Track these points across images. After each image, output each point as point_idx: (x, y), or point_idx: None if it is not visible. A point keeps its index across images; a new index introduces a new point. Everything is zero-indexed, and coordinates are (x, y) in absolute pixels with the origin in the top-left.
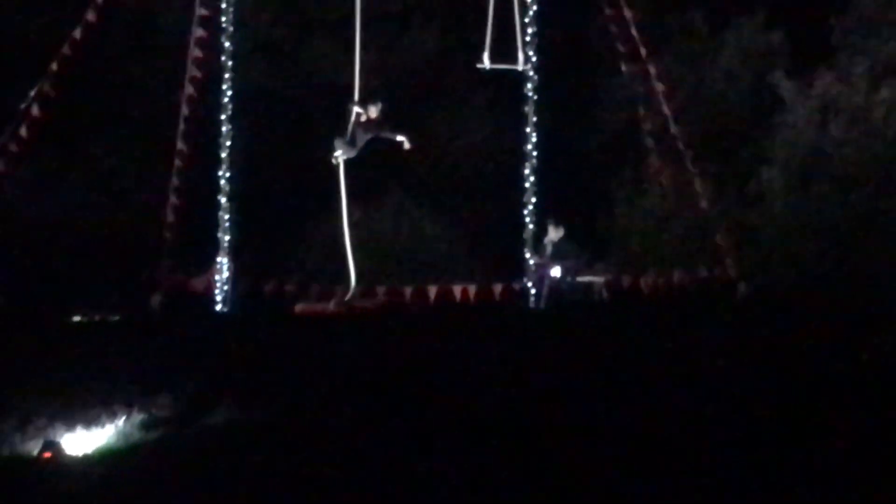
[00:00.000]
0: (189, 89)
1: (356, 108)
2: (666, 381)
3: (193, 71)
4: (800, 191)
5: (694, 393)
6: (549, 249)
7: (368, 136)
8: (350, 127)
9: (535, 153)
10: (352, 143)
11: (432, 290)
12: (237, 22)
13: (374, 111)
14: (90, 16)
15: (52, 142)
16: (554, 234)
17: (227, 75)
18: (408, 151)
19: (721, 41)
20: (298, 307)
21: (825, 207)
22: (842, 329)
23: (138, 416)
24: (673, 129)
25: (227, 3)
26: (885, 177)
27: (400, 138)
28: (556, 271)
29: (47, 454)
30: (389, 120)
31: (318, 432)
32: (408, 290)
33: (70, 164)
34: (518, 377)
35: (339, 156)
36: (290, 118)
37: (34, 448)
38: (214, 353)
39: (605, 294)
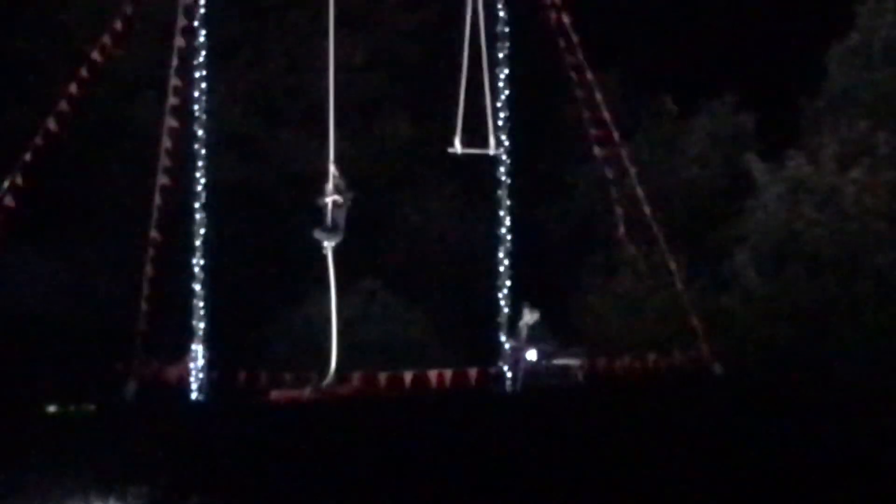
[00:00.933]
0: (162, 179)
1: (332, 196)
2: (643, 464)
3: (166, 161)
4: (772, 272)
5: (670, 475)
6: (524, 333)
7: (343, 214)
8: (329, 214)
9: (508, 237)
10: (334, 228)
11: (407, 376)
12: (208, 112)
13: (348, 194)
14: (63, 105)
15: (25, 232)
16: (529, 317)
17: (199, 163)
18: (380, 238)
19: (692, 124)
20: (274, 394)
21: (798, 289)
22: (815, 412)
23: None
24: (645, 212)
25: (200, 92)
26: (857, 257)
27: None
28: (531, 355)
29: None
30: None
31: None
32: (382, 377)
33: (43, 255)
34: (495, 462)
35: (328, 245)
36: (261, 207)
37: None
38: (189, 442)
39: (581, 377)
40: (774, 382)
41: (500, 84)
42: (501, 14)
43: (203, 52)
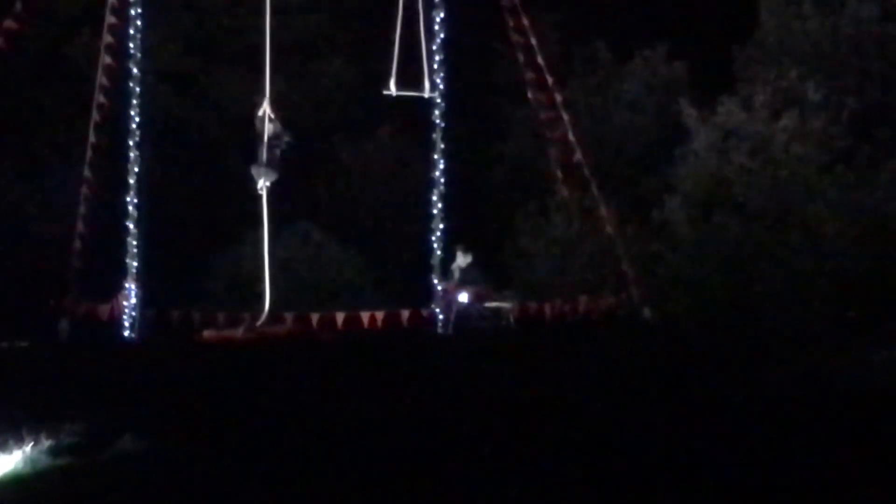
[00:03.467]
0: (96, 117)
1: (267, 121)
2: (571, 408)
3: (100, 98)
4: (703, 219)
5: (599, 418)
6: (456, 275)
7: (279, 149)
8: (263, 149)
9: (442, 180)
10: (269, 165)
11: (340, 317)
12: (145, 51)
13: (277, 125)
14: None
15: None
16: (462, 260)
17: (133, 102)
18: (315, 179)
19: (625, 71)
20: (206, 333)
21: (727, 235)
22: (740, 353)
23: (46, 443)
24: (578, 157)
25: (135, 30)
26: (786, 205)
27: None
28: (463, 297)
29: None
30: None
31: (226, 459)
32: (315, 317)
33: None
34: (426, 404)
35: (263, 182)
36: (197, 147)
37: None
38: (123, 380)
39: (512, 320)
40: (702, 326)
41: (436, 27)
42: None
43: None
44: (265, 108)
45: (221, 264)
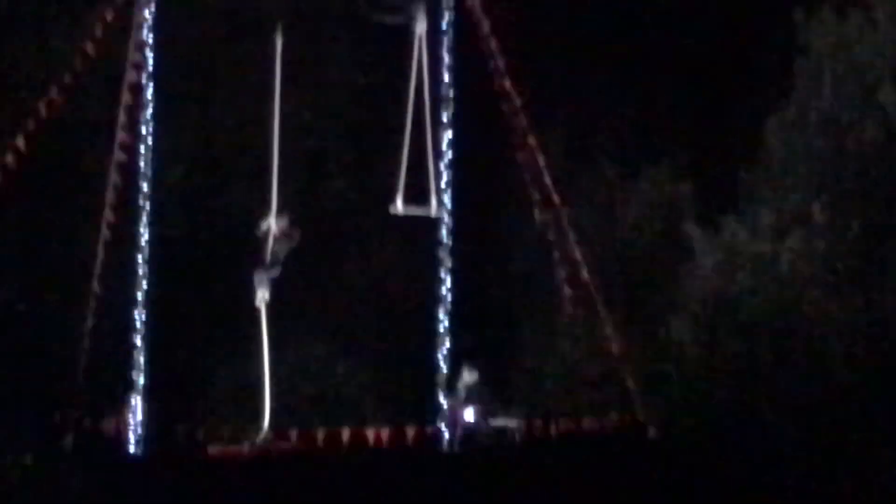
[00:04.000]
0: (106, 233)
1: (271, 223)
2: None
3: (109, 215)
4: (708, 338)
5: None
6: (462, 392)
7: (285, 250)
8: (269, 249)
9: (448, 296)
10: (273, 262)
11: (345, 433)
12: (154, 170)
13: (284, 223)
14: (9, 158)
15: None
16: (468, 377)
17: (143, 219)
18: (320, 294)
19: (631, 190)
20: (212, 450)
21: (733, 354)
22: (745, 473)
23: None
24: (584, 275)
25: (146, 148)
26: (791, 326)
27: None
28: (469, 414)
29: None
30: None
31: None
32: (320, 434)
33: None
34: None
35: (263, 293)
36: (203, 262)
37: None
38: (128, 497)
39: (518, 438)
40: (708, 444)
41: (443, 146)
42: (446, 78)
43: (150, 109)
44: (271, 218)
45: (226, 379)
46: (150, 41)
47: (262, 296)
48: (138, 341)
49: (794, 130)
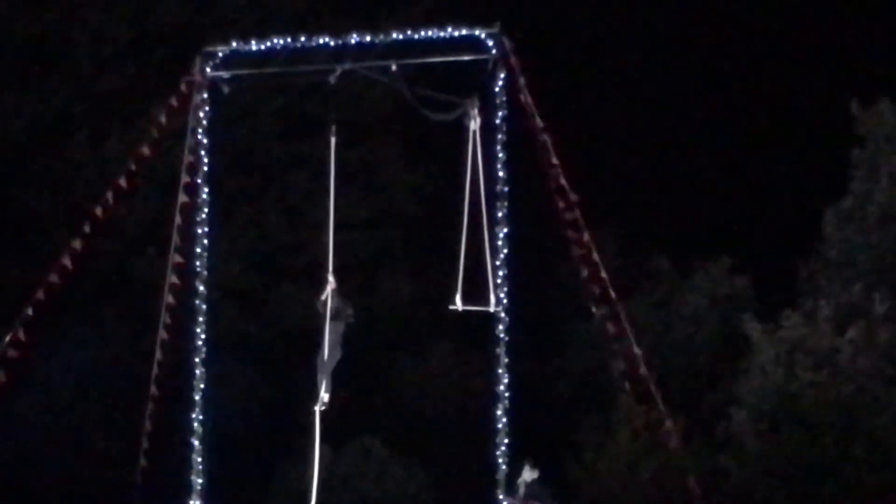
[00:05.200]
0: (162, 334)
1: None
2: None
3: (166, 317)
4: (769, 433)
5: None
6: (522, 490)
7: (342, 328)
8: (325, 339)
9: (506, 394)
10: (333, 344)
11: None
12: (209, 268)
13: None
14: (65, 260)
15: (22, 388)
16: (528, 475)
17: (199, 319)
18: (377, 394)
19: (688, 285)
20: None
21: (794, 450)
22: None
23: None
24: (643, 370)
25: (201, 249)
26: (853, 419)
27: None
28: None
29: None
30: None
31: None
32: None
33: (40, 412)
34: None
35: (321, 398)
36: (259, 363)
37: None
38: None
39: None
40: None
41: (500, 242)
42: (501, 174)
43: (205, 210)
44: (329, 290)
45: (283, 480)
46: (204, 142)
47: (322, 398)
48: (196, 443)
49: (852, 222)
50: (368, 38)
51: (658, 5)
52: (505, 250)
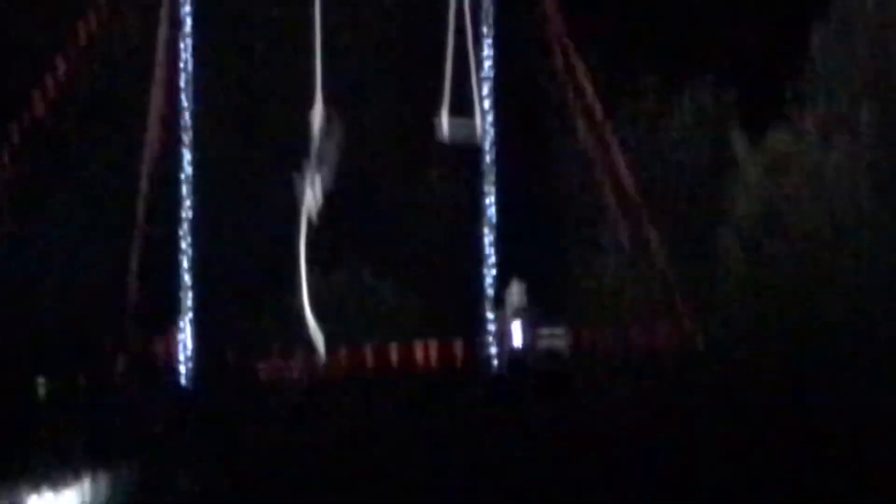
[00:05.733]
0: (150, 152)
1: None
2: (629, 443)
3: (153, 144)
4: (755, 248)
5: (656, 454)
6: (510, 307)
7: (332, 148)
8: (317, 143)
9: (493, 213)
10: (321, 158)
11: (393, 351)
12: (197, 90)
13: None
14: (49, 81)
15: (13, 205)
16: (516, 291)
17: (185, 139)
18: (364, 216)
19: (674, 101)
20: (263, 373)
21: (781, 265)
22: (794, 383)
23: (102, 479)
24: (629, 188)
25: (186, 68)
26: (840, 233)
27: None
28: (517, 328)
29: None
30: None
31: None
32: (369, 351)
33: (31, 229)
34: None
35: (313, 195)
36: (249, 184)
37: None
38: (179, 419)
39: (566, 351)
40: (756, 357)
41: (485, 61)
42: None
43: (189, 22)
44: (318, 106)
45: (274, 302)
46: None
47: (312, 196)
48: (185, 263)
49: (839, 36)
50: None
51: None
52: (490, 69)
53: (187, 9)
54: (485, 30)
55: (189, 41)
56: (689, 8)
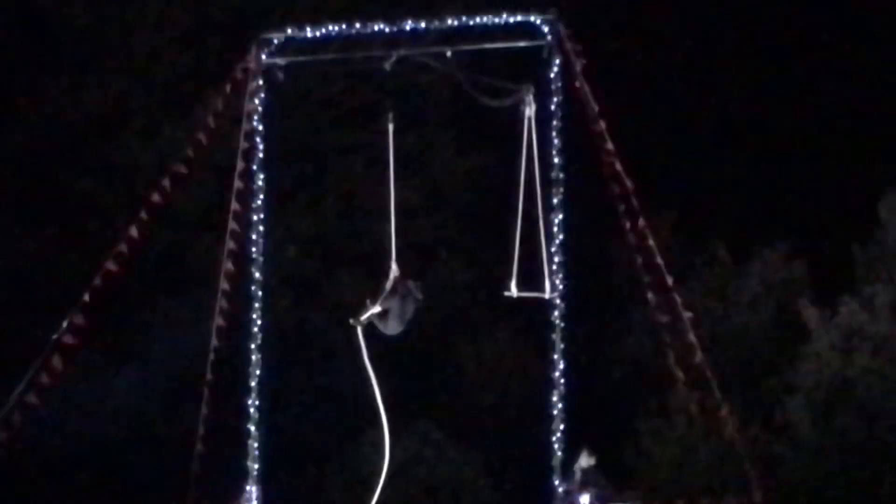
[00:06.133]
0: (218, 321)
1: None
2: None
3: (222, 302)
4: (825, 420)
5: None
6: (578, 476)
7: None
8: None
9: (562, 380)
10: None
11: None
12: (265, 255)
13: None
14: (122, 247)
15: (80, 373)
16: (585, 461)
17: (255, 305)
18: (436, 380)
19: (744, 271)
20: None
21: (851, 438)
22: None
23: None
24: (699, 357)
25: (257, 235)
26: None
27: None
28: (585, 499)
29: None
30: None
31: None
32: None
33: (98, 396)
34: None
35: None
36: (316, 349)
37: None
38: None
39: None
40: None
41: (555, 228)
42: (556, 160)
43: (261, 196)
44: (392, 277)
45: (341, 466)
46: (260, 128)
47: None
48: (253, 428)
49: None
50: (423, 25)
51: None
52: (560, 236)
53: (259, 178)
54: (555, 198)
55: (260, 208)
56: (762, 176)
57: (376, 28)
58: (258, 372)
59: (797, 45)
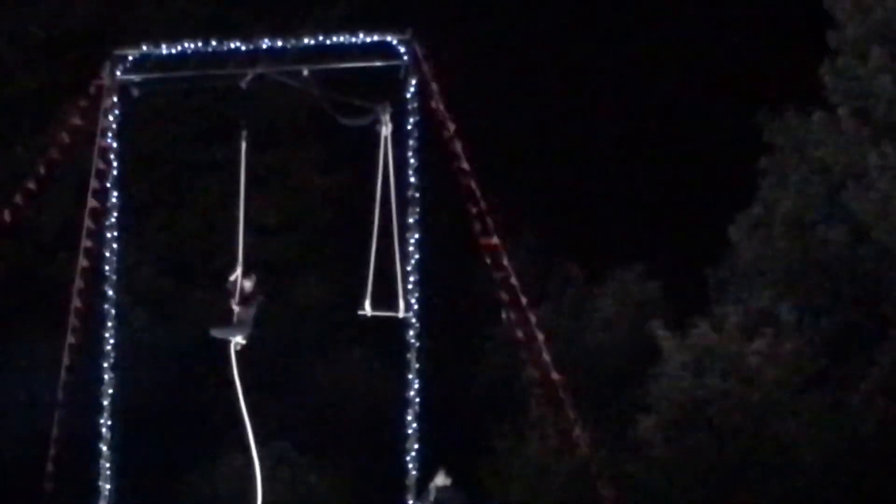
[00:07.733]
0: (70, 339)
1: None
2: None
3: (74, 321)
4: (677, 439)
5: None
6: (432, 496)
7: (251, 311)
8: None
9: (417, 399)
10: (240, 325)
11: None
12: (120, 273)
13: (248, 284)
14: None
15: None
16: (441, 480)
17: (108, 324)
18: (291, 400)
19: (599, 291)
20: None
21: (702, 456)
22: None
23: None
24: (553, 376)
25: (111, 253)
26: (760, 427)
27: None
28: None
29: None
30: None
31: None
32: None
33: None
34: None
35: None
36: (172, 369)
37: None
38: None
39: None
40: None
41: (411, 248)
42: (412, 180)
43: (114, 214)
44: (237, 274)
45: (198, 486)
46: (115, 145)
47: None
48: (105, 449)
49: (760, 229)
50: (280, 43)
51: (572, 10)
52: (416, 256)
53: (114, 196)
54: (410, 218)
55: (114, 226)
56: (617, 198)
57: (233, 46)
58: (111, 391)
59: (652, 69)
